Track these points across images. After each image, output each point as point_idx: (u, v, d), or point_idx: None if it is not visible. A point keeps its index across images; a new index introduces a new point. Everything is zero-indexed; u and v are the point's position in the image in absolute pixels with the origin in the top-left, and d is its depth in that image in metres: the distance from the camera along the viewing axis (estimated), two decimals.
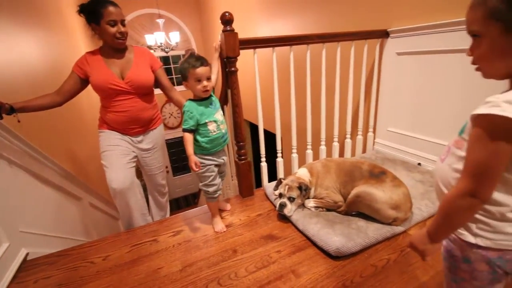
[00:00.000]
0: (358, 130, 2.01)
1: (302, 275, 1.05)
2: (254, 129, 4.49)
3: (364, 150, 2.10)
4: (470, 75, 1.29)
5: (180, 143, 6.87)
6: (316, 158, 1.84)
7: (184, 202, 6.97)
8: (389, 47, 1.80)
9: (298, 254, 1.17)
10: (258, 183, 1.82)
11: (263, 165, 1.75)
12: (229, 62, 1.43)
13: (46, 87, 1.47)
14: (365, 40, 1.78)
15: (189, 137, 1.22)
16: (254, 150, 4.77)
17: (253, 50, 1.52)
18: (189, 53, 1.20)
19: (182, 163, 7.10)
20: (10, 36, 1.66)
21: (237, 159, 1.63)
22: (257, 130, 1.72)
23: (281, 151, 1.78)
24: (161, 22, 4.27)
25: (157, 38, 4.26)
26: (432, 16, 1.50)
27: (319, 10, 2.37)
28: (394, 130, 1.89)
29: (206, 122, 1.22)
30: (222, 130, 1.29)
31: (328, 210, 1.37)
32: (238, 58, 1.44)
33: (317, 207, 1.38)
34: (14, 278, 1.15)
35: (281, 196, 1.39)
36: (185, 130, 1.22)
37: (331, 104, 1.86)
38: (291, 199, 1.36)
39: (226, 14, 1.35)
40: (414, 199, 1.29)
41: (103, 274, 1.15)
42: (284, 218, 1.40)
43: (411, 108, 1.74)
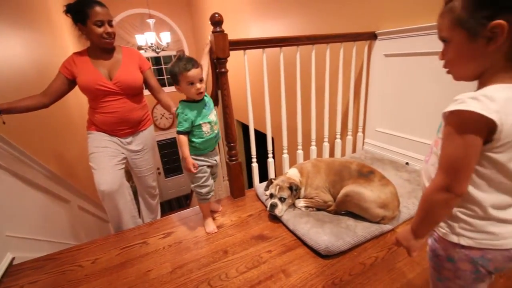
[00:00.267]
0: (348, 130, 2.04)
1: (292, 275, 1.06)
2: (246, 130, 4.50)
3: (354, 150, 2.13)
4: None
5: (172, 144, 6.82)
6: (306, 158, 1.86)
7: (176, 204, 6.92)
8: (377, 49, 1.84)
9: (289, 253, 1.18)
10: (251, 184, 1.83)
11: (254, 165, 1.75)
12: (219, 63, 1.43)
13: (33, 88, 1.44)
14: (353, 42, 1.81)
15: (184, 139, 1.21)
16: (246, 150, 4.78)
17: (243, 51, 1.53)
18: (177, 55, 1.18)
19: (174, 165, 7.05)
20: None
21: (228, 160, 1.63)
22: (249, 131, 1.73)
23: (272, 152, 1.79)
24: (151, 22, 4.23)
25: (147, 38, 4.22)
26: (418, 19, 1.53)
27: (309, 12, 2.39)
28: (382, 130, 1.93)
29: (201, 123, 1.21)
30: (215, 131, 1.28)
31: (318, 209, 1.38)
32: (230, 59, 1.44)
33: (307, 207, 1.40)
34: None
35: (272, 196, 1.40)
36: (179, 133, 1.20)
37: (321, 104, 1.89)
38: (282, 199, 1.37)
39: (216, 15, 1.35)
40: (402, 198, 1.32)
41: (92, 277, 1.13)
42: (275, 218, 1.41)
43: (399, 108, 1.78)
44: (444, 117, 0.52)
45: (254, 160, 1.76)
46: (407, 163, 1.76)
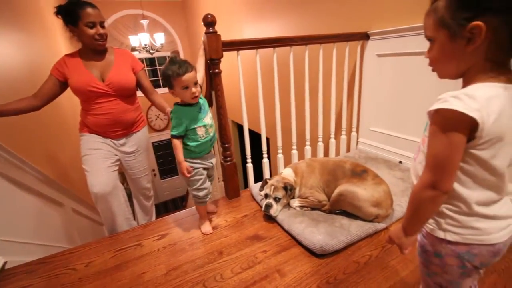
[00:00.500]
0: (342, 130, 2.06)
1: (287, 274, 1.06)
2: (241, 130, 4.49)
3: (348, 150, 2.15)
4: None
5: (167, 146, 6.78)
6: (301, 158, 1.87)
7: (172, 205, 6.89)
8: (369, 49, 1.85)
9: (284, 253, 1.18)
10: (247, 184, 1.83)
11: (249, 166, 1.76)
12: (212, 64, 1.43)
13: (25, 90, 1.42)
14: (346, 42, 1.82)
15: (178, 143, 1.19)
16: (242, 151, 4.78)
17: (236, 52, 1.53)
18: (170, 58, 1.14)
19: (169, 166, 7.01)
20: None
21: (222, 161, 1.63)
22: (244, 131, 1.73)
23: (266, 152, 1.80)
24: (145, 23, 4.21)
25: (141, 39, 4.20)
26: (409, 19, 1.55)
27: (303, 13, 2.40)
28: (376, 129, 1.95)
29: (195, 127, 1.19)
30: (211, 134, 1.26)
31: (312, 209, 1.39)
32: (224, 59, 1.44)
33: (302, 207, 1.40)
34: None
35: (266, 196, 1.40)
36: (174, 137, 1.18)
37: (315, 104, 1.90)
38: (277, 200, 1.38)
39: (209, 16, 1.35)
40: (395, 196, 1.34)
41: (86, 280, 1.12)
42: (270, 218, 1.41)
43: (392, 108, 1.80)
44: (429, 116, 0.54)
45: (249, 160, 1.76)
46: (401, 162, 1.78)
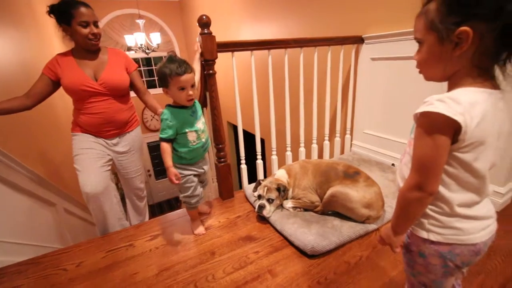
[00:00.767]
0: (336, 132, 2.07)
1: (278, 275, 1.07)
2: (237, 131, 4.49)
3: (342, 152, 2.17)
4: None
5: None
6: (295, 159, 1.88)
7: (167, 206, 6.85)
8: (364, 53, 1.87)
9: (276, 254, 1.19)
10: (242, 185, 1.83)
11: (243, 167, 1.76)
12: (207, 65, 1.44)
13: (17, 90, 1.40)
14: (341, 45, 1.84)
15: (167, 147, 1.13)
16: (238, 152, 4.77)
17: (231, 53, 1.54)
18: (168, 55, 1.10)
19: (164, 167, 6.96)
20: None
21: (216, 162, 1.63)
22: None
23: (261, 153, 1.80)
24: (141, 22, 4.19)
25: (137, 39, 4.18)
26: (404, 24, 1.57)
27: (299, 16, 2.42)
28: (370, 132, 1.97)
29: (186, 132, 1.15)
30: (203, 140, 1.22)
31: (305, 210, 1.40)
32: (221, 60, 1.44)
33: (295, 208, 1.41)
34: None
35: (260, 197, 1.41)
36: (162, 140, 1.13)
37: (310, 107, 1.91)
38: (270, 201, 1.38)
39: (204, 17, 1.36)
40: (387, 198, 1.35)
41: (76, 281, 1.11)
42: (263, 219, 1.42)
43: (385, 111, 1.82)
44: (415, 118, 0.55)
45: (243, 161, 1.76)
46: (393, 165, 1.80)
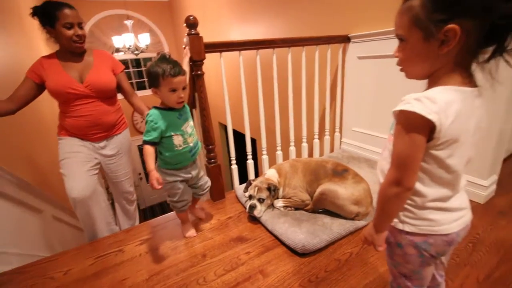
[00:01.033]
0: (326, 130, 2.09)
1: (269, 275, 1.07)
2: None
3: (332, 150, 2.19)
4: None
5: None
6: (286, 158, 1.88)
7: (159, 209, 6.76)
8: (351, 52, 1.90)
9: (267, 254, 1.19)
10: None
11: (234, 167, 1.76)
12: (195, 65, 1.43)
13: (4, 93, 1.36)
14: (328, 44, 1.86)
15: (150, 150, 1.07)
16: (229, 153, 4.76)
17: (219, 53, 1.53)
18: (160, 54, 1.05)
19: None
20: None
21: (207, 163, 1.62)
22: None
23: (251, 153, 1.80)
24: (129, 23, 4.14)
25: (125, 40, 4.12)
26: (388, 22, 1.60)
27: (286, 16, 2.43)
28: (358, 129, 1.99)
29: (172, 135, 1.11)
30: (190, 144, 1.17)
31: (296, 209, 1.41)
32: (212, 61, 1.43)
33: (285, 207, 1.41)
34: None
35: (251, 197, 1.41)
36: (146, 143, 1.07)
37: (299, 106, 1.92)
38: (261, 200, 1.38)
39: (190, 17, 1.35)
40: (375, 194, 1.36)
41: None
42: (254, 219, 1.41)
43: (373, 108, 1.84)
44: (394, 115, 0.56)
45: (234, 162, 1.76)
46: None
